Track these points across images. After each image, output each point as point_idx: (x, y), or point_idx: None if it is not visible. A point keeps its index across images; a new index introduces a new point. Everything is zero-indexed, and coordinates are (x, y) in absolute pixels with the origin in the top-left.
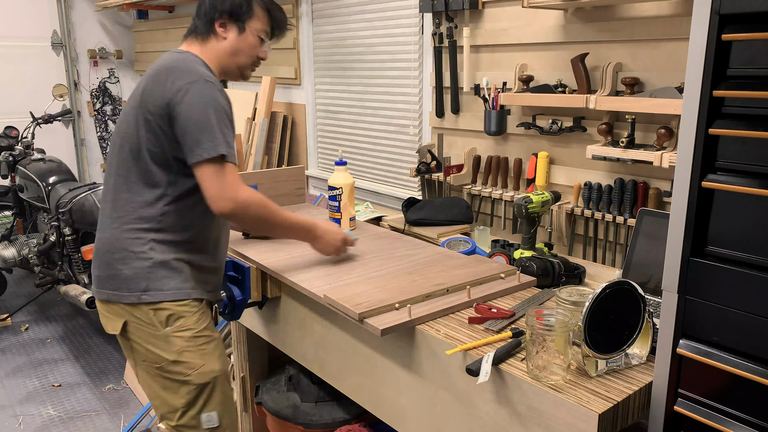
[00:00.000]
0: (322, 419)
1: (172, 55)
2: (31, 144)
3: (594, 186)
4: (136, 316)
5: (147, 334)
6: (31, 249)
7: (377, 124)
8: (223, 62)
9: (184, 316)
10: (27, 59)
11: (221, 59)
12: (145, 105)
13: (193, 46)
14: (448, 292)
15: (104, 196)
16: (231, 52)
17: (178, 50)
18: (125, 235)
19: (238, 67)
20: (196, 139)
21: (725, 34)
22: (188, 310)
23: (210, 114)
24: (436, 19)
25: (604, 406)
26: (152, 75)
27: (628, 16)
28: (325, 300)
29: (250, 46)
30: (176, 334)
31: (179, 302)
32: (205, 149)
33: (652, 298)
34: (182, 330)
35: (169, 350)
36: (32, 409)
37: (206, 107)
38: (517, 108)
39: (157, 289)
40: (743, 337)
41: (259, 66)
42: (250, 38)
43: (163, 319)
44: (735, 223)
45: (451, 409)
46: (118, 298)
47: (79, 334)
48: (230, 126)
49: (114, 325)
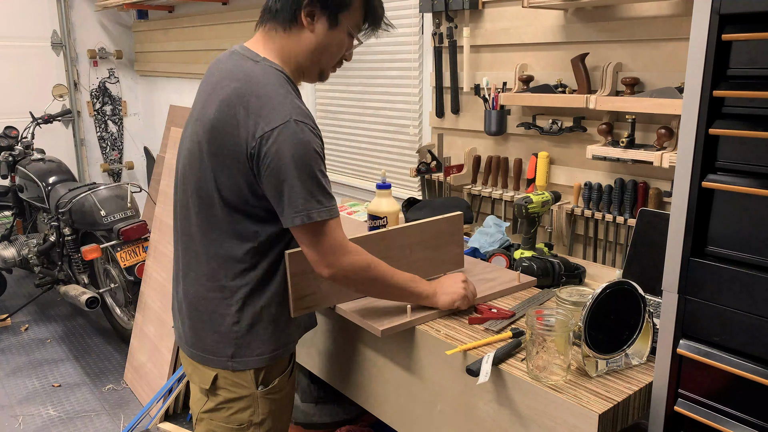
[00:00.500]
0: (322, 419)
1: (245, 66)
2: (31, 144)
3: (594, 186)
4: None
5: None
6: (31, 249)
7: (377, 124)
8: (302, 60)
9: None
10: (27, 59)
11: (302, 56)
12: (215, 142)
13: (268, 41)
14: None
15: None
16: (316, 49)
17: (250, 53)
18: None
19: (320, 68)
20: (288, 199)
21: (725, 34)
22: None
23: (302, 168)
24: (436, 19)
25: (604, 406)
26: (224, 101)
27: (628, 16)
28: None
29: (339, 43)
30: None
31: None
32: (299, 214)
33: (652, 298)
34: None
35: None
36: (32, 409)
37: (299, 160)
38: (517, 108)
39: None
40: (743, 337)
41: (340, 67)
42: (340, 35)
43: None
44: (735, 223)
45: (451, 409)
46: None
47: (79, 334)
48: (324, 174)
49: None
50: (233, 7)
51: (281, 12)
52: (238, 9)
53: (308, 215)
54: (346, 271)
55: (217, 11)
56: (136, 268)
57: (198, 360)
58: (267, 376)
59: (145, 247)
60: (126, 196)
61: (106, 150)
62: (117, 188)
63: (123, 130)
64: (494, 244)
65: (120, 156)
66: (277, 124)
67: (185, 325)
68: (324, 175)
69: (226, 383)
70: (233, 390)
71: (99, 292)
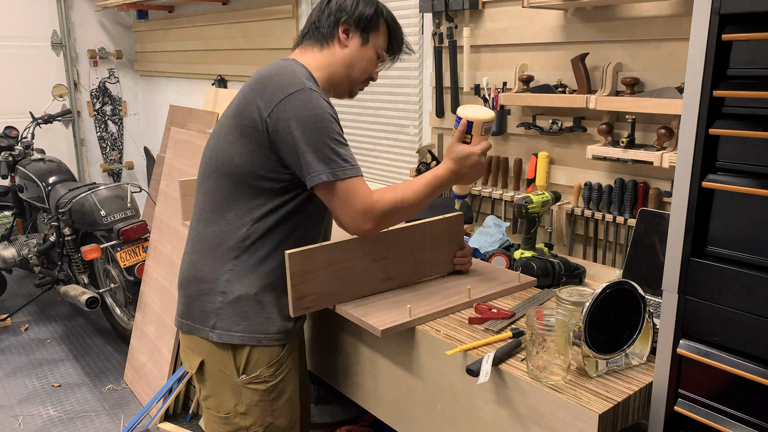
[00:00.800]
0: (322, 419)
1: (275, 63)
2: (30, 144)
3: (594, 186)
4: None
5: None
6: (31, 249)
7: (377, 124)
8: (335, 72)
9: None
10: (27, 59)
11: (335, 68)
12: (236, 120)
13: (307, 53)
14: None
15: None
16: (348, 63)
17: (284, 58)
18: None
19: (350, 81)
20: (311, 160)
21: (725, 34)
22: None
23: (319, 131)
24: (436, 19)
25: (604, 406)
26: (250, 84)
27: (628, 16)
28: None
29: (368, 60)
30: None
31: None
32: (320, 173)
33: (652, 298)
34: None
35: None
36: (32, 409)
37: (316, 123)
38: (517, 108)
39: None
40: (743, 337)
41: (368, 86)
42: (370, 52)
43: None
44: (735, 223)
45: (452, 409)
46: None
47: (79, 334)
48: (341, 136)
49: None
50: (233, 7)
51: (321, 28)
52: (238, 9)
53: (333, 174)
54: (382, 223)
55: (217, 11)
56: (136, 268)
57: (186, 330)
58: (249, 363)
59: (145, 247)
60: (126, 196)
61: (106, 150)
62: (117, 188)
63: (123, 130)
64: (494, 244)
65: (120, 156)
66: (288, 93)
67: (180, 298)
68: (342, 137)
69: (212, 368)
70: (218, 376)
71: (99, 292)
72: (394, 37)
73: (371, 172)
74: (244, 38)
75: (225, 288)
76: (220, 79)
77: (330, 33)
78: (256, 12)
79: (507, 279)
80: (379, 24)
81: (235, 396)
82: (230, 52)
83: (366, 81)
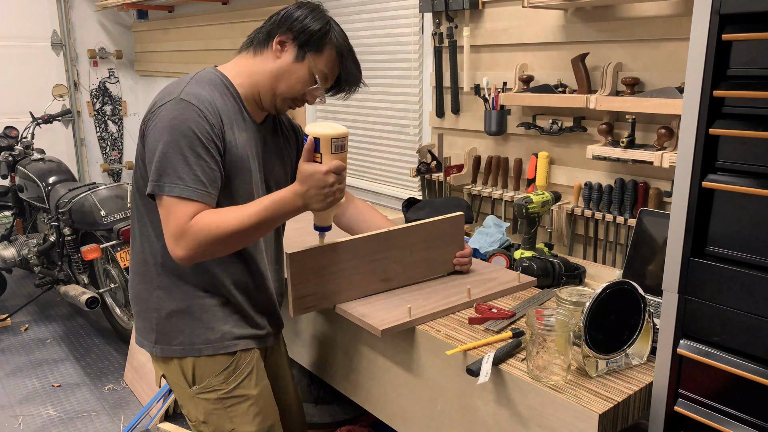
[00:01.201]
0: (322, 419)
1: (192, 72)
2: (30, 144)
3: (594, 186)
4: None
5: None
6: (31, 249)
7: (377, 124)
8: (260, 82)
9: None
10: (27, 59)
11: (261, 78)
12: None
13: (240, 59)
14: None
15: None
16: (276, 75)
17: (208, 67)
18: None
19: (274, 94)
20: (154, 168)
21: (725, 34)
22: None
23: (172, 141)
24: (436, 19)
25: (605, 406)
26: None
27: (628, 16)
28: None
29: (298, 79)
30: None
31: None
32: (154, 183)
33: (652, 298)
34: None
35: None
36: (32, 409)
37: (172, 133)
38: (517, 108)
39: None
40: (743, 337)
41: (300, 106)
42: (302, 71)
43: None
44: (735, 223)
45: (452, 409)
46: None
47: (79, 334)
48: (199, 155)
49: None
50: (233, 7)
51: (260, 36)
52: (238, 9)
53: (160, 186)
54: (197, 250)
55: (217, 11)
56: None
57: (138, 343)
58: (196, 375)
59: None
60: (126, 196)
61: (106, 150)
62: (117, 188)
63: (123, 130)
64: (494, 244)
65: (120, 156)
66: (162, 103)
67: (135, 317)
68: (196, 154)
69: (170, 381)
70: (177, 388)
71: (99, 292)
72: (341, 67)
73: (371, 172)
74: (244, 38)
75: (158, 305)
76: None
77: (265, 41)
78: (256, 12)
79: (507, 279)
80: (323, 45)
81: (194, 406)
82: (230, 52)
83: (296, 100)
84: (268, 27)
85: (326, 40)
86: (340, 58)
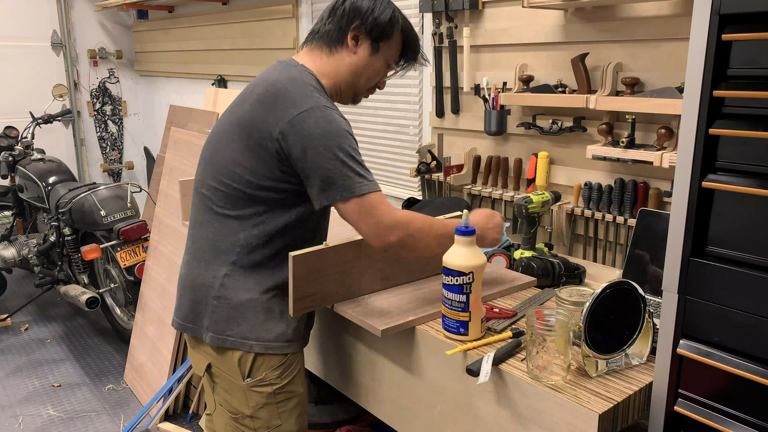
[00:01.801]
0: (322, 419)
1: (283, 69)
2: (30, 144)
3: (594, 186)
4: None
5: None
6: (31, 249)
7: (377, 124)
8: (341, 80)
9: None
10: (27, 59)
11: (341, 76)
12: (246, 131)
13: (313, 57)
14: None
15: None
16: (356, 71)
17: (290, 62)
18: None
19: (355, 90)
20: (324, 180)
21: (725, 34)
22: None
23: (334, 148)
24: (436, 19)
25: (605, 406)
26: (260, 95)
27: (628, 16)
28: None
29: (375, 70)
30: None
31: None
32: (338, 191)
33: (652, 298)
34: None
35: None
36: (32, 409)
37: (331, 140)
38: (517, 108)
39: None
40: (743, 337)
41: (373, 94)
42: (379, 62)
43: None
44: (735, 223)
45: (452, 409)
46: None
47: (79, 334)
48: (358, 152)
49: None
50: (233, 7)
51: (330, 32)
52: (238, 9)
53: (351, 190)
54: (399, 243)
55: (217, 11)
56: (136, 268)
57: (179, 328)
58: (254, 366)
59: (145, 247)
60: (126, 196)
61: (106, 150)
62: (117, 188)
63: (123, 130)
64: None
65: (120, 156)
66: (301, 110)
67: (179, 299)
68: (358, 153)
69: (217, 371)
70: (224, 378)
71: (99, 292)
72: (409, 48)
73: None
74: (244, 38)
75: (220, 293)
76: (220, 79)
77: (339, 38)
78: (256, 12)
79: (507, 279)
80: (392, 33)
81: (242, 398)
82: (230, 52)
83: (371, 89)
84: (338, 22)
85: (395, 29)
86: (405, 39)
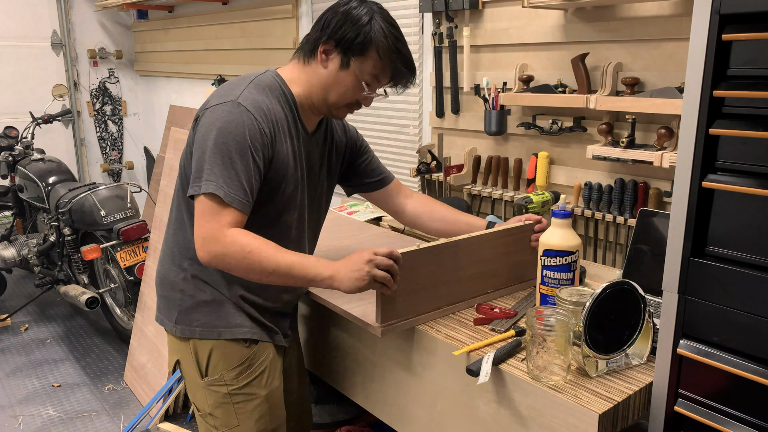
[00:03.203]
0: (322, 419)
1: (253, 72)
2: (30, 144)
3: (594, 186)
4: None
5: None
6: (31, 249)
7: (377, 124)
8: (313, 92)
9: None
10: (27, 59)
11: (313, 88)
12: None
13: (295, 66)
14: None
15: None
16: (325, 85)
17: (270, 69)
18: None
19: (327, 105)
20: (195, 169)
21: (725, 34)
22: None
23: (219, 144)
24: (436, 19)
25: (605, 406)
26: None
27: (628, 16)
28: (338, 310)
29: (348, 86)
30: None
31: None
32: (194, 184)
33: (652, 298)
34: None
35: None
36: (32, 409)
37: (218, 132)
38: (518, 108)
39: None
40: (743, 337)
41: (359, 109)
42: (349, 78)
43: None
44: (735, 223)
45: (452, 409)
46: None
47: (79, 334)
48: (247, 163)
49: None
50: (233, 7)
51: (307, 44)
52: (238, 9)
53: (199, 185)
54: (219, 261)
55: (217, 11)
56: (136, 268)
57: (158, 321)
58: (210, 364)
59: (145, 247)
60: (126, 196)
61: (106, 150)
62: (117, 188)
63: (123, 130)
64: None
65: (120, 156)
66: (215, 103)
67: (157, 296)
68: (245, 163)
69: (184, 367)
70: (189, 376)
71: (99, 292)
72: (390, 66)
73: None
74: (244, 38)
75: (184, 287)
76: (220, 79)
77: (311, 51)
78: (256, 12)
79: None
80: (366, 49)
81: (201, 396)
82: (230, 52)
83: (351, 106)
84: (313, 34)
85: (368, 44)
86: (388, 61)
